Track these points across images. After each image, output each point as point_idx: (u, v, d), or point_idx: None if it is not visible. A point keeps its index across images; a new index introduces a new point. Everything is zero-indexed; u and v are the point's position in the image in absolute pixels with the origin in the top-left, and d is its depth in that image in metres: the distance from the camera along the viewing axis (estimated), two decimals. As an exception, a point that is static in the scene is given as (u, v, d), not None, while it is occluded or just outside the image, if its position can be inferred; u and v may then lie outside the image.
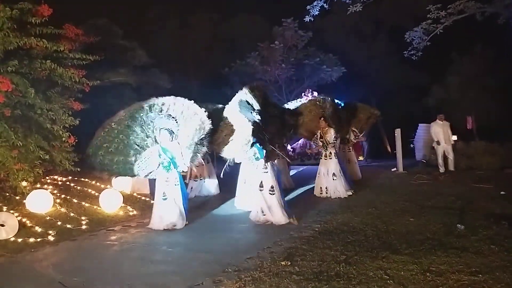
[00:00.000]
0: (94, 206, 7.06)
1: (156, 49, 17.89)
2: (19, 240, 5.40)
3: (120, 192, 7.46)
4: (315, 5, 11.36)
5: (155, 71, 13.91)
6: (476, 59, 19.17)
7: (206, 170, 9.11)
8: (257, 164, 6.12)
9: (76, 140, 7.15)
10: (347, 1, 11.33)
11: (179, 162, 5.98)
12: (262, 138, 5.94)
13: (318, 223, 5.73)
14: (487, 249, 4.20)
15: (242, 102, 6.01)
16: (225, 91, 17.00)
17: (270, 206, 5.91)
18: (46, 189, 7.12)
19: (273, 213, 5.91)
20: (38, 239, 5.45)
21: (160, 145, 5.97)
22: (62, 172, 7.75)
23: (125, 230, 6.13)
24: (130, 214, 7.10)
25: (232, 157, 6.37)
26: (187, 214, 6.13)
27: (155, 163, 5.97)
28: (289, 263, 4.01)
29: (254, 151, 6.04)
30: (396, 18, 20.11)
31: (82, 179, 8.33)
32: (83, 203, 7.13)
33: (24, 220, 5.97)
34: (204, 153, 6.12)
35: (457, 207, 6.30)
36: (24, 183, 6.70)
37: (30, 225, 5.90)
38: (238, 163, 6.84)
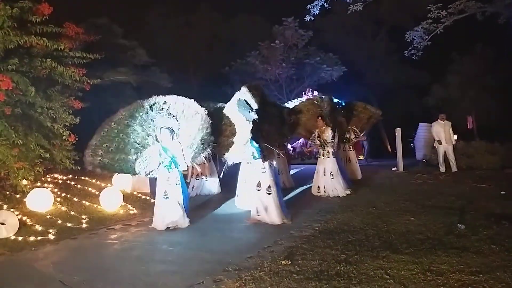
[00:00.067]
0: (95, 205, 7.07)
1: (156, 48, 17.91)
2: (20, 238, 5.40)
3: (120, 190, 7.46)
4: (316, 4, 11.35)
5: (155, 70, 13.93)
6: (476, 59, 19.19)
7: (208, 169, 9.09)
8: (255, 163, 6.11)
9: (76, 138, 7.16)
10: (348, 0, 11.33)
11: (180, 161, 5.95)
12: (260, 137, 5.93)
13: (319, 222, 5.73)
14: (488, 248, 4.20)
15: (240, 101, 5.99)
16: (225, 90, 17.00)
17: (267, 206, 5.89)
18: (46, 187, 7.13)
19: (268, 213, 5.88)
20: (39, 238, 5.45)
21: (161, 144, 5.94)
22: (63, 170, 7.77)
23: (125, 229, 6.13)
24: (131, 213, 7.10)
25: (234, 159, 6.37)
26: (188, 213, 6.12)
27: (156, 162, 5.94)
28: (289, 262, 4.01)
29: (252, 151, 6.02)
30: (396, 18, 20.13)
31: (83, 178, 8.35)
32: (84, 202, 7.14)
33: (24, 218, 5.97)
34: (205, 152, 6.08)
35: (457, 207, 6.29)
36: (24, 182, 6.71)
37: (31, 223, 5.90)
38: (238, 163, 6.83)
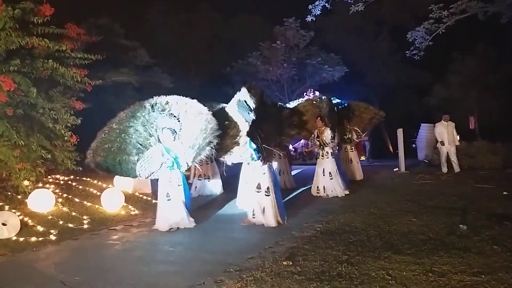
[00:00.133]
0: (96, 206, 7.07)
1: (157, 47, 17.92)
2: (21, 239, 5.41)
3: (121, 191, 7.46)
4: (317, 4, 11.34)
5: (157, 71, 13.93)
6: (478, 59, 19.15)
7: (210, 170, 9.08)
8: (254, 164, 6.09)
9: (78, 139, 7.16)
10: (349, 0, 11.32)
11: (182, 162, 5.93)
12: (258, 138, 5.93)
13: (320, 223, 5.72)
14: (490, 249, 4.19)
15: (240, 102, 5.99)
16: (226, 91, 17.00)
17: (264, 207, 5.88)
18: (48, 188, 7.14)
19: (265, 214, 5.87)
20: (40, 238, 5.46)
21: (163, 144, 5.92)
22: (64, 171, 7.78)
23: (126, 229, 6.13)
24: (132, 213, 7.10)
25: (233, 160, 6.36)
26: (190, 214, 6.10)
27: (158, 163, 5.90)
28: (290, 263, 4.00)
29: (251, 152, 6.02)
30: (398, 18, 20.10)
31: (84, 179, 8.35)
32: (85, 203, 7.14)
33: (26, 219, 5.98)
34: (208, 153, 6.05)
35: (459, 207, 6.28)
36: (26, 182, 6.72)
37: (32, 224, 5.91)
38: (239, 163, 6.83)
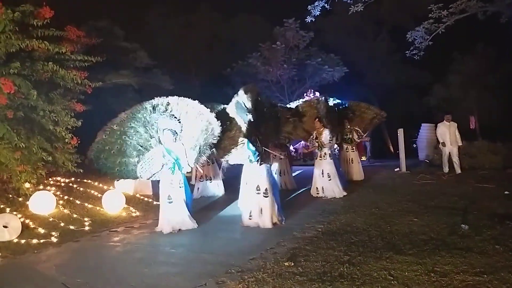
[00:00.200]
0: (97, 207, 7.08)
1: (157, 49, 17.94)
2: (22, 241, 5.41)
3: (122, 193, 7.47)
4: (316, 5, 11.35)
5: (157, 72, 13.95)
6: (478, 58, 19.14)
7: (211, 171, 9.08)
8: (253, 166, 6.09)
9: (78, 141, 7.16)
10: (349, 1, 11.32)
11: (184, 163, 5.91)
12: (255, 140, 5.92)
13: (321, 224, 5.71)
14: (492, 249, 4.18)
15: (238, 104, 6.00)
16: (227, 91, 16.99)
17: (262, 208, 5.89)
18: (49, 190, 7.14)
19: (262, 215, 5.87)
20: (41, 241, 5.46)
21: (164, 146, 5.89)
22: (65, 173, 7.78)
23: (128, 231, 6.13)
24: (133, 215, 7.10)
25: (232, 161, 6.36)
26: (192, 216, 6.08)
27: (159, 164, 5.88)
28: (292, 264, 4.00)
29: (248, 154, 6.02)
30: (397, 18, 20.10)
31: (85, 181, 8.35)
32: (86, 204, 7.15)
33: (27, 221, 5.98)
34: (209, 154, 6.05)
35: (460, 207, 6.27)
36: (27, 185, 6.72)
37: (33, 226, 5.91)
38: (239, 165, 6.82)
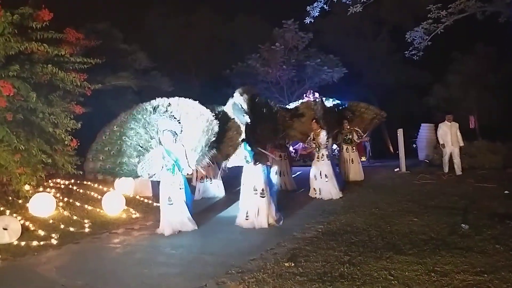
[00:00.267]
0: (97, 209, 7.07)
1: (156, 50, 17.94)
2: (22, 243, 5.41)
3: (122, 195, 7.46)
4: (315, 6, 11.36)
5: (156, 75, 13.95)
6: (477, 58, 19.12)
7: (211, 172, 9.08)
8: (250, 167, 6.09)
9: (78, 143, 7.16)
10: (347, 1, 11.34)
11: (184, 165, 5.89)
12: (252, 140, 5.93)
13: (321, 224, 5.71)
14: (492, 248, 4.18)
15: (235, 105, 6.01)
16: (226, 93, 16.94)
17: (258, 208, 5.90)
18: (48, 192, 7.13)
19: (259, 215, 5.89)
20: (41, 243, 5.46)
21: (164, 147, 5.88)
22: (65, 175, 7.77)
23: (128, 232, 6.13)
24: (133, 216, 7.10)
25: (229, 162, 6.38)
26: (192, 217, 6.06)
27: (159, 165, 5.85)
28: (292, 264, 4.00)
29: (245, 154, 6.03)
30: (397, 18, 20.10)
31: (85, 183, 8.35)
32: (86, 206, 7.14)
33: (27, 223, 5.97)
34: (211, 155, 6.05)
35: (460, 207, 6.27)
36: (26, 187, 6.71)
37: (33, 228, 5.91)
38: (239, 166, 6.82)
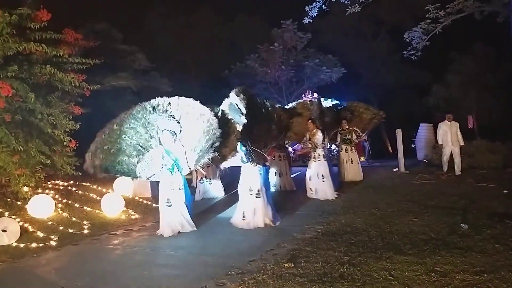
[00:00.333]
0: (96, 211, 7.05)
1: (156, 50, 17.95)
2: (21, 245, 5.39)
3: (121, 196, 7.45)
4: (314, 6, 11.37)
5: (156, 75, 13.94)
6: (476, 58, 19.14)
7: (211, 172, 9.06)
8: (246, 167, 6.07)
9: (77, 144, 7.15)
10: (346, 1, 11.35)
11: (183, 165, 5.86)
12: (248, 141, 5.92)
13: (321, 225, 5.71)
14: (492, 248, 4.18)
15: (231, 105, 6.00)
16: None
17: (255, 209, 5.91)
18: (47, 194, 7.13)
19: (255, 215, 5.90)
20: (40, 244, 5.44)
21: (163, 146, 5.84)
22: (64, 176, 7.77)
23: (127, 234, 6.11)
24: (132, 218, 7.08)
25: (226, 163, 6.37)
26: (192, 218, 6.04)
27: (159, 165, 5.81)
28: (292, 265, 3.99)
29: (241, 155, 6.03)
30: (395, 18, 20.13)
31: (84, 184, 8.34)
32: (85, 208, 7.12)
33: (26, 225, 5.96)
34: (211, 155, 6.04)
35: (460, 207, 6.27)
36: (25, 188, 6.71)
37: (32, 230, 5.89)
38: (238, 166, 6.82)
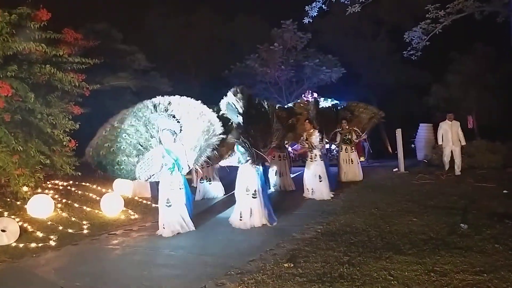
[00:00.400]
0: (96, 211, 7.05)
1: (156, 50, 17.96)
2: (21, 245, 5.39)
3: (121, 196, 7.45)
4: (314, 6, 11.37)
5: (155, 75, 13.94)
6: (476, 58, 19.14)
7: (211, 172, 9.07)
8: (242, 167, 6.07)
9: (76, 144, 7.14)
10: (346, 1, 11.35)
11: (183, 164, 5.85)
12: (246, 141, 5.91)
13: (321, 224, 5.70)
14: (491, 248, 4.18)
15: (229, 105, 6.00)
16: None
17: (251, 209, 5.92)
18: (47, 194, 7.12)
19: (252, 215, 5.91)
20: (40, 244, 5.43)
21: (163, 146, 5.82)
22: (63, 176, 7.76)
23: (126, 234, 6.11)
24: (132, 218, 7.08)
25: (223, 163, 6.37)
26: (192, 218, 6.05)
27: (158, 165, 5.79)
28: (292, 265, 3.99)
29: (238, 155, 6.02)
30: (395, 18, 20.13)
31: (83, 184, 8.34)
32: (84, 208, 7.12)
33: (25, 225, 5.95)
34: (210, 155, 6.03)
35: (460, 207, 6.26)
36: (25, 188, 6.70)
37: (32, 230, 5.89)
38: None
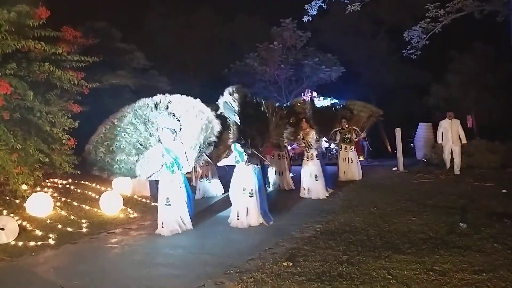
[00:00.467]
0: (95, 209, 7.05)
1: (155, 49, 17.90)
2: (20, 244, 5.38)
3: (120, 194, 7.44)
4: (313, 5, 11.36)
5: (154, 74, 13.91)
6: (476, 58, 19.10)
7: (210, 171, 9.07)
8: (239, 167, 6.08)
9: (75, 142, 7.13)
10: (345, 0, 11.34)
11: (183, 163, 5.85)
12: (242, 141, 5.92)
13: (320, 223, 5.71)
14: (490, 247, 4.19)
15: (226, 104, 6.00)
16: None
17: (248, 208, 5.93)
18: (46, 192, 7.11)
19: (249, 215, 5.93)
20: (39, 243, 5.43)
21: (163, 145, 5.82)
22: (62, 175, 7.74)
23: (126, 232, 6.10)
24: (131, 216, 7.07)
25: (221, 162, 6.39)
26: (192, 216, 6.06)
27: (158, 164, 5.79)
28: (291, 264, 3.99)
29: (235, 155, 6.02)
30: (395, 17, 20.10)
31: (82, 182, 8.33)
32: (84, 206, 7.12)
33: (24, 223, 5.94)
34: (209, 153, 6.03)
35: (459, 206, 6.27)
36: (24, 187, 6.69)
37: (31, 228, 5.88)
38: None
